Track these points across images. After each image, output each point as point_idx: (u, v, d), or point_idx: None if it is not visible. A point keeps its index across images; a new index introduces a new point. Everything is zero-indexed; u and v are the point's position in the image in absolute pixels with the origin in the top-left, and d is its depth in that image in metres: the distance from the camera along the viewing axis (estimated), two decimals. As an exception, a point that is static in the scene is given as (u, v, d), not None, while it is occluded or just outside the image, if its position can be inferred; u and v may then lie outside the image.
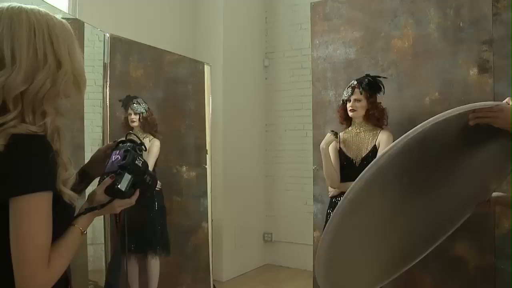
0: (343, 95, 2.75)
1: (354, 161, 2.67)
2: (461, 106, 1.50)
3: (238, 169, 4.51)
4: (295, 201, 4.78)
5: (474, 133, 1.63)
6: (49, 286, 0.97)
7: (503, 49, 2.57)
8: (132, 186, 1.17)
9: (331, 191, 2.76)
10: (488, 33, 2.61)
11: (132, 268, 3.23)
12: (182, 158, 3.65)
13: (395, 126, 2.78)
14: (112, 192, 1.14)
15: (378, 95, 2.70)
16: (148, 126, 3.32)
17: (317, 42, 3.26)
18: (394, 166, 1.54)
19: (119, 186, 1.14)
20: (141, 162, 1.21)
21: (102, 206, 1.14)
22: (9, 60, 0.99)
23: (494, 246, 2.59)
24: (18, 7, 1.03)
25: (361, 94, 2.64)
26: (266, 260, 4.91)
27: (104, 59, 2.70)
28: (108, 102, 2.89)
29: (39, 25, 1.03)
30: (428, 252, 2.08)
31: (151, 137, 3.31)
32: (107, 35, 2.76)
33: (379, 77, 2.71)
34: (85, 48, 2.65)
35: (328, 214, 2.75)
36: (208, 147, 3.81)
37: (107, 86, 2.80)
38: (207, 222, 3.74)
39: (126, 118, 3.28)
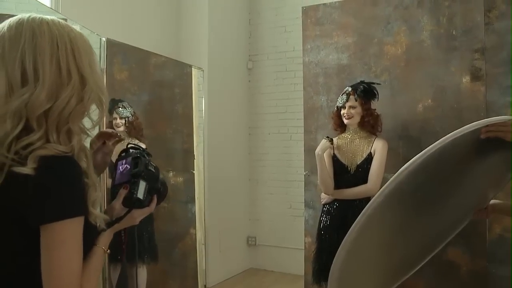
0: (338, 102, 2.73)
1: (348, 168, 2.66)
2: (476, 122, 1.50)
3: (221, 172, 4.45)
4: (279, 205, 4.76)
5: (480, 145, 1.65)
6: None
7: (495, 57, 2.62)
8: (149, 192, 1.14)
9: (324, 198, 2.75)
10: (480, 41, 2.66)
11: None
12: (169, 163, 3.57)
13: (388, 132, 2.80)
14: (131, 202, 1.11)
15: (373, 101, 2.70)
16: (134, 130, 3.23)
17: (309, 46, 3.25)
18: (411, 181, 1.54)
19: (137, 195, 1.10)
20: (153, 167, 1.18)
21: (120, 218, 1.10)
22: (31, 75, 0.93)
23: (486, 251, 2.64)
24: (39, 18, 0.98)
25: (356, 101, 2.63)
26: (250, 264, 4.87)
27: (100, 65, 2.58)
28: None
29: (61, 38, 0.98)
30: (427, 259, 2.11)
31: (137, 141, 3.22)
32: (104, 39, 2.65)
33: (374, 83, 2.71)
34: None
35: (321, 222, 2.73)
36: (195, 151, 3.75)
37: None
38: (195, 228, 3.67)
39: (111, 123, 3.18)
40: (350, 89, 2.69)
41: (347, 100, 2.66)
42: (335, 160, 2.69)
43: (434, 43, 2.80)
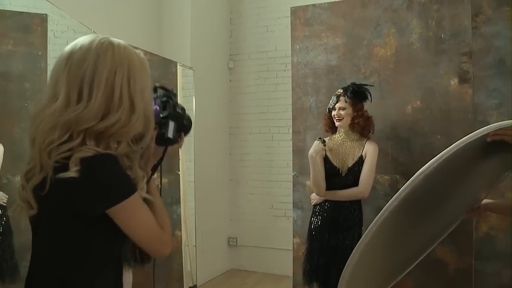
0: (329, 103, 2.75)
1: (340, 171, 2.67)
2: (488, 126, 1.53)
3: (201, 173, 4.40)
4: (260, 205, 4.75)
5: (482, 148, 1.69)
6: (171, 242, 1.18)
7: (482, 61, 2.70)
8: (177, 131, 1.26)
9: (315, 199, 2.75)
10: (468, 45, 2.73)
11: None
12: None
13: (378, 133, 2.84)
14: (163, 140, 1.22)
15: (365, 103, 2.72)
16: None
17: (298, 47, 3.25)
18: (423, 184, 1.56)
19: (168, 135, 1.22)
20: (180, 108, 1.28)
21: (161, 159, 1.23)
22: (86, 95, 1.04)
23: (472, 249, 2.71)
24: (107, 43, 1.08)
25: (346, 102, 2.65)
26: (231, 265, 4.84)
27: None
28: None
29: (121, 65, 1.07)
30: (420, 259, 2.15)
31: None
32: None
33: (366, 85, 2.73)
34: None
35: (312, 223, 2.73)
36: (180, 152, 3.68)
37: None
38: (181, 230, 3.61)
39: None
40: (341, 90, 2.70)
41: (337, 102, 2.67)
42: (326, 162, 2.70)
43: (423, 45, 2.85)
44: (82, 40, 1.08)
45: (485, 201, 2.03)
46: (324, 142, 2.66)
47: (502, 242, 2.64)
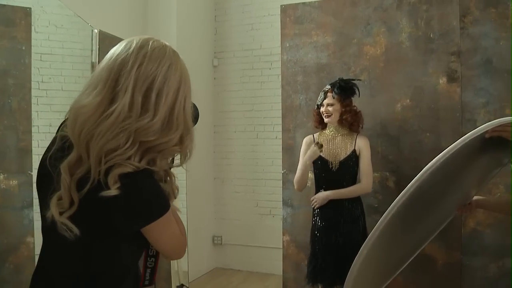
0: (317, 100, 2.77)
1: (331, 165, 2.68)
2: (490, 122, 1.56)
3: (185, 171, 4.35)
4: (245, 203, 4.74)
5: (479, 145, 1.72)
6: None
7: (470, 60, 2.76)
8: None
9: (317, 202, 2.69)
10: (456, 45, 2.79)
11: None
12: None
13: (368, 131, 2.87)
14: None
15: (353, 98, 2.74)
16: None
17: (287, 45, 3.26)
18: (429, 180, 1.58)
19: None
20: None
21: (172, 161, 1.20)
22: (152, 104, 0.99)
23: (460, 244, 2.78)
24: (177, 53, 1.06)
25: (334, 98, 2.67)
26: (215, 264, 4.81)
27: (92, 58, 2.42)
28: None
29: (184, 82, 1.05)
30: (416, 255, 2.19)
31: None
32: (96, 31, 2.49)
33: (353, 79, 2.75)
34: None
35: (315, 224, 2.71)
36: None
37: None
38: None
39: None
40: (328, 86, 2.72)
41: (325, 98, 2.69)
42: (318, 157, 2.71)
43: (412, 45, 2.90)
44: (151, 40, 1.03)
45: (475, 197, 2.07)
46: (321, 147, 2.66)
47: (489, 237, 2.71)
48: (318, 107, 2.75)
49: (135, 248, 1.11)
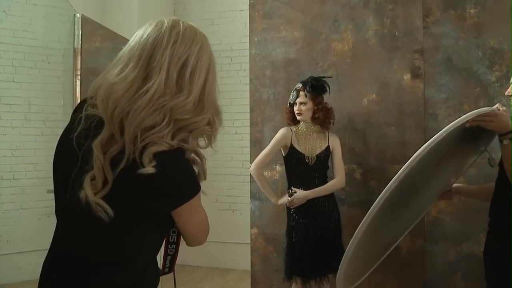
0: (290, 98, 2.81)
1: (307, 159, 2.73)
2: (471, 112, 1.66)
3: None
4: (204, 199, 4.68)
5: (460, 134, 1.83)
6: None
7: (432, 58, 2.92)
8: None
9: (295, 203, 2.71)
10: (420, 43, 2.94)
11: None
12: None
13: (335, 124, 2.95)
14: None
15: (324, 95, 2.82)
16: None
17: (256, 39, 3.27)
18: (418, 167, 1.65)
19: None
20: None
21: None
22: (186, 85, 0.99)
23: (423, 232, 2.93)
24: (206, 37, 1.08)
25: (306, 96, 2.73)
26: (174, 261, 4.73)
27: (74, 43, 2.29)
28: (79, 97, 2.43)
29: (213, 65, 1.07)
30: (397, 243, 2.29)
31: None
32: (78, 15, 2.36)
33: (324, 77, 2.83)
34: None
35: (292, 219, 2.75)
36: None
37: (78, 76, 2.34)
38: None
39: None
40: (300, 85, 2.78)
41: (297, 97, 2.75)
42: (294, 151, 2.76)
43: (378, 42, 3.02)
44: (180, 20, 1.05)
45: (455, 185, 2.21)
46: (292, 195, 2.70)
47: (449, 224, 2.89)
48: (291, 105, 2.80)
49: (161, 233, 1.10)
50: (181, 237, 1.17)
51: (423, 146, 1.62)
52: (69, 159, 0.97)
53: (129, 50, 1.00)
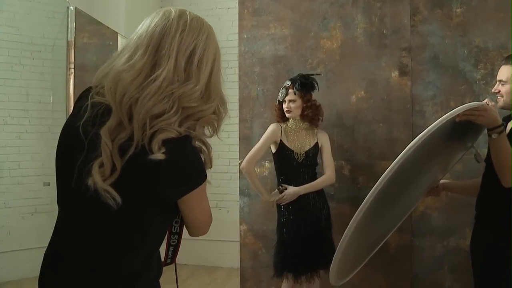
0: (279, 96, 2.82)
1: (296, 156, 2.75)
2: (461, 106, 1.70)
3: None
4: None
5: (449, 129, 1.87)
6: None
7: (419, 56, 2.97)
8: None
9: (286, 200, 2.71)
10: (407, 41, 2.99)
11: None
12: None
13: (324, 121, 2.98)
14: None
15: (313, 92, 2.83)
16: None
17: (245, 36, 3.28)
18: (411, 159, 1.68)
19: None
20: None
21: None
22: (194, 73, 1.01)
23: (411, 227, 2.98)
24: (211, 27, 1.10)
25: (295, 94, 2.75)
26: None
27: (68, 36, 2.24)
28: (72, 91, 2.38)
29: (219, 55, 1.08)
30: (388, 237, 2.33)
31: None
32: (72, 8, 2.32)
33: (312, 74, 2.85)
34: None
35: (282, 215, 2.75)
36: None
37: (72, 70, 2.29)
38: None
39: None
40: (289, 83, 2.79)
41: (286, 94, 2.76)
42: (283, 147, 2.77)
43: (366, 39, 3.05)
44: (186, 10, 1.06)
45: (442, 181, 2.25)
46: (282, 191, 2.72)
47: (436, 219, 2.94)
48: (280, 102, 2.81)
49: (166, 222, 1.10)
50: (184, 227, 1.17)
51: (418, 136, 1.65)
52: (75, 146, 0.97)
53: (137, 39, 1.01)
